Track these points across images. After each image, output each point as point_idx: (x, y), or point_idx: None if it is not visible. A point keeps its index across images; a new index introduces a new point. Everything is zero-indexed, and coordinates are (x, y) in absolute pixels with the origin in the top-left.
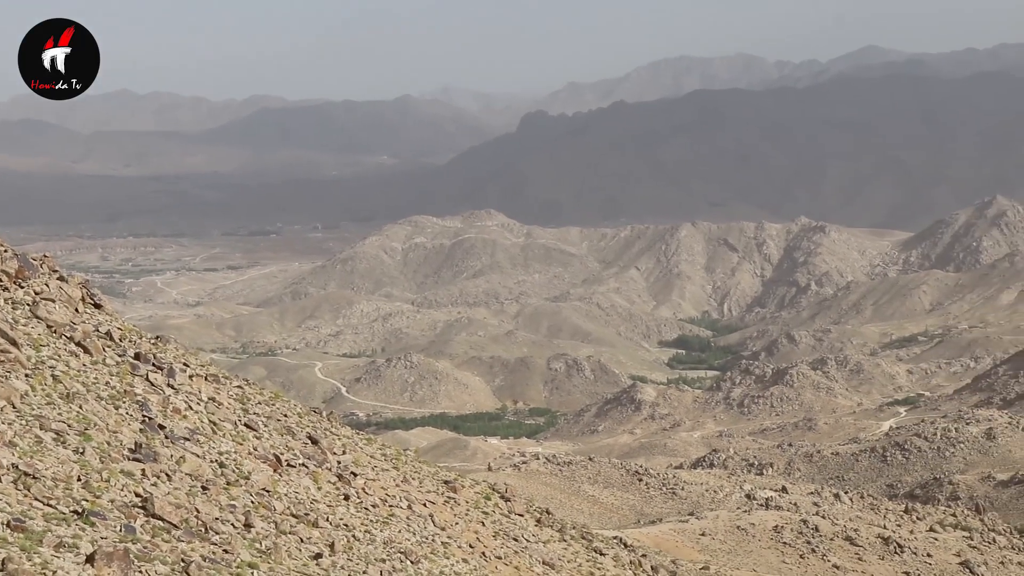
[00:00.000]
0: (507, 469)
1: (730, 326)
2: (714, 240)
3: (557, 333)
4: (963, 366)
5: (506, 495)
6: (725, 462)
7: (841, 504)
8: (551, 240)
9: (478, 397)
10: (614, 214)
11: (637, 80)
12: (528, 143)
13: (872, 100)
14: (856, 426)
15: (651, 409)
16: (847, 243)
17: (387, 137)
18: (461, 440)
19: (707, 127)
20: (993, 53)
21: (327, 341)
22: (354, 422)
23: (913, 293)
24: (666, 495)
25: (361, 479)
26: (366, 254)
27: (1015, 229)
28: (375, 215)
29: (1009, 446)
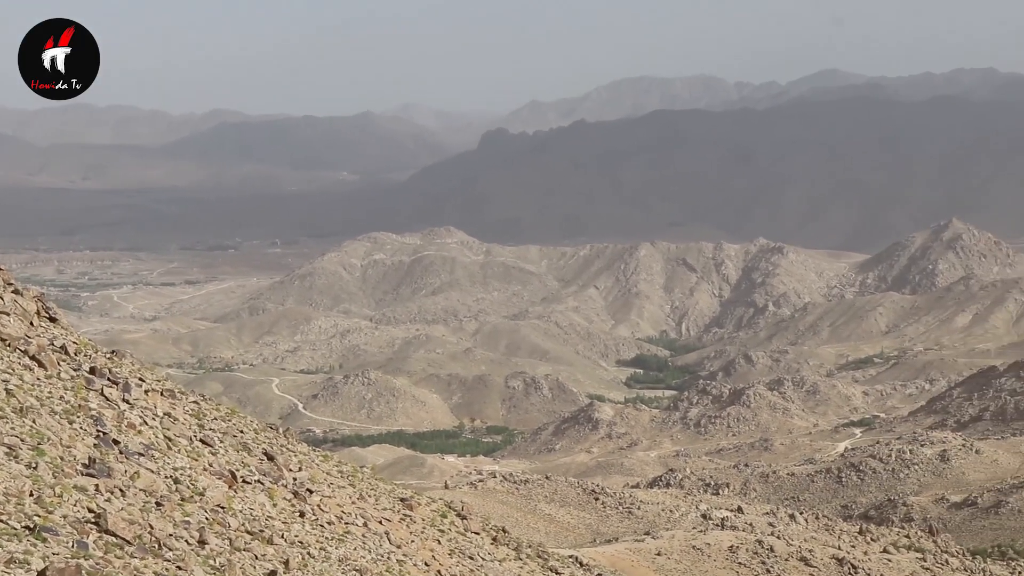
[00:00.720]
0: (464, 487)
1: (688, 346)
2: (673, 260)
3: (515, 351)
4: (918, 388)
5: (462, 513)
6: (681, 482)
7: (796, 525)
8: (510, 258)
9: (435, 415)
10: (574, 233)
11: (598, 99)
12: (488, 161)
13: (831, 122)
14: (812, 447)
15: (608, 428)
16: (805, 264)
17: (347, 153)
18: (418, 458)
19: (667, 147)
20: (950, 78)
21: (284, 357)
22: (311, 439)
23: (869, 315)
24: (622, 514)
25: (317, 496)
26: (325, 270)
27: (970, 252)
28: (334, 231)
29: (963, 468)
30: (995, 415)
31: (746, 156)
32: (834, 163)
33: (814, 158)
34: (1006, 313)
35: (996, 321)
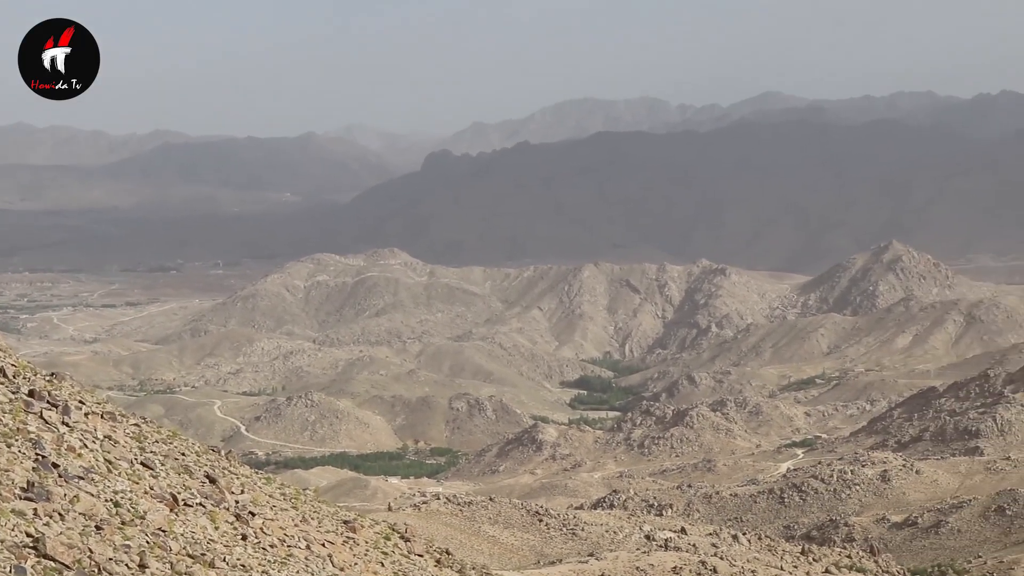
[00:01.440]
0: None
1: (631, 367)
2: (616, 281)
3: (459, 373)
4: (859, 409)
5: (406, 535)
6: (625, 503)
7: (739, 545)
8: (454, 279)
9: (379, 436)
10: (517, 254)
11: (541, 121)
12: (432, 182)
13: (773, 145)
14: (754, 467)
15: (552, 449)
16: (747, 286)
17: (290, 174)
18: (361, 480)
19: (610, 169)
20: (890, 101)
21: (227, 379)
22: (253, 461)
23: (811, 336)
24: (566, 536)
25: (259, 519)
26: (267, 291)
27: (910, 274)
28: (277, 252)
29: (903, 488)
30: (935, 436)
31: (689, 178)
32: (776, 185)
33: (756, 180)
34: (945, 334)
35: (935, 342)
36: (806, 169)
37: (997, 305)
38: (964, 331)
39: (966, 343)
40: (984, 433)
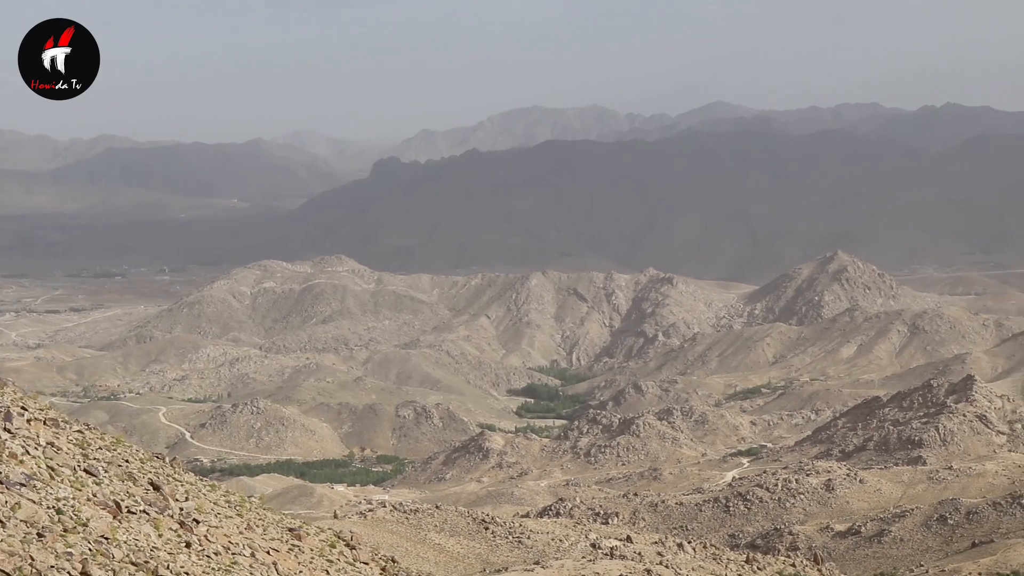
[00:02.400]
0: (353, 517)
1: (578, 375)
2: (564, 289)
3: (406, 380)
4: (804, 418)
5: (351, 543)
6: (571, 511)
7: (684, 554)
8: (402, 287)
9: (325, 444)
10: (465, 262)
11: (490, 129)
12: (380, 189)
13: (720, 155)
14: (700, 476)
15: (499, 457)
16: (694, 295)
17: (237, 180)
18: (307, 487)
19: (559, 177)
20: (836, 112)
21: (172, 386)
22: (198, 468)
23: (757, 345)
24: (512, 544)
25: (204, 526)
26: (214, 298)
27: (855, 284)
28: (224, 259)
29: (847, 497)
30: (878, 445)
31: (637, 187)
32: (723, 195)
33: (704, 189)
34: (889, 344)
35: (880, 352)
36: (753, 179)
37: (940, 316)
38: (908, 341)
39: (910, 353)
40: (927, 443)
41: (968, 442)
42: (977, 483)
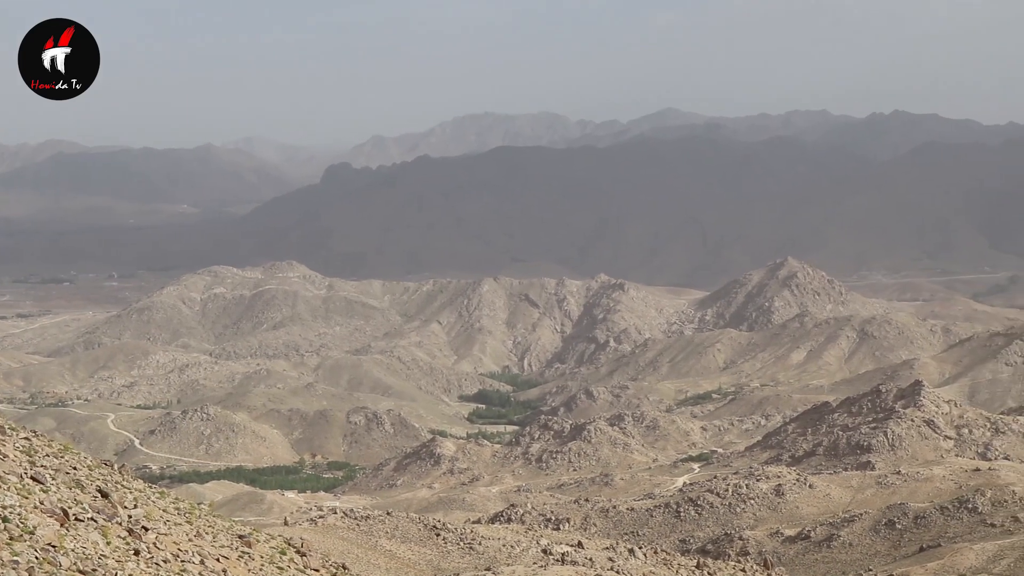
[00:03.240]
0: (304, 523)
1: (530, 381)
2: (515, 295)
3: (357, 386)
4: (754, 423)
5: (302, 550)
6: (523, 517)
7: (635, 559)
8: (353, 293)
9: (276, 450)
10: (417, 268)
11: (442, 135)
12: (331, 195)
13: (671, 161)
14: (651, 482)
15: (450, 463)
16: (645, 301)
17: (187, 186)
18: (257, 494)
19: (510, 183)
20: (785, 119)
21: (121, 392)
22: (147, 475)
23: (708, 351)
24: (463, 550)
25: (153, 534)
26: (163, 304)
27: (805, 290)
28: (174, 265)
29: (797, 502)
30: (828, 450)
31: (588, 193)
32: (674, 201)
33: (654, 196)
34: (838, 350)
35: (829, 358)
36: (704, 185)
37: (889, 321)
38: (857, 347)
39: (859, 359)
40: (875, 448)
41: (916, 447)
42: (925, 488)
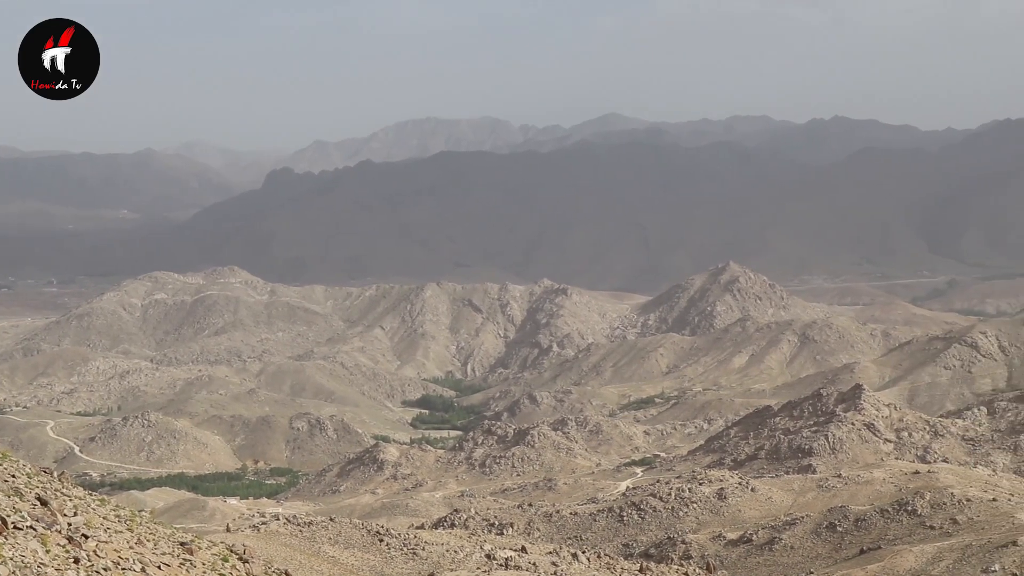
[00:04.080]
0: (246, 530)
1: (473, 386)
2: (459, 301)
3: (300, 392)
4: (697, 427)
5: (244, 556)
6: (466, 522)
7: (579, 564)
8: (295, 298)
9: (218, 457)
10: (359, 273)
11: (384, 140)
12: (273, 200)
13: (613, 166)
14: (595, 486)
15: (393, 469)
16: (588, 306)
17: (127, 191)
18: (199, 500)
19: (453, 188)
20: (727, 125)
21: (60, 399)
22: (87, 482)
23: (651, 356)
24: (407, 555)
25: (93, 541)
26: (103, 310)
27: (747, 295)
28: (114, 270)
29: (739, 506)
30: (769, 454)
31: (531, 198)
32: (617, 206)
33: (597, 201)
34: (780, 354)
35: (771, 362)
36: (646, 190)
37: (830, 326)
38: (798, 351)
39: (800, 363)
40: (817, 451)
41: (856, 450)
42: (865, 490)
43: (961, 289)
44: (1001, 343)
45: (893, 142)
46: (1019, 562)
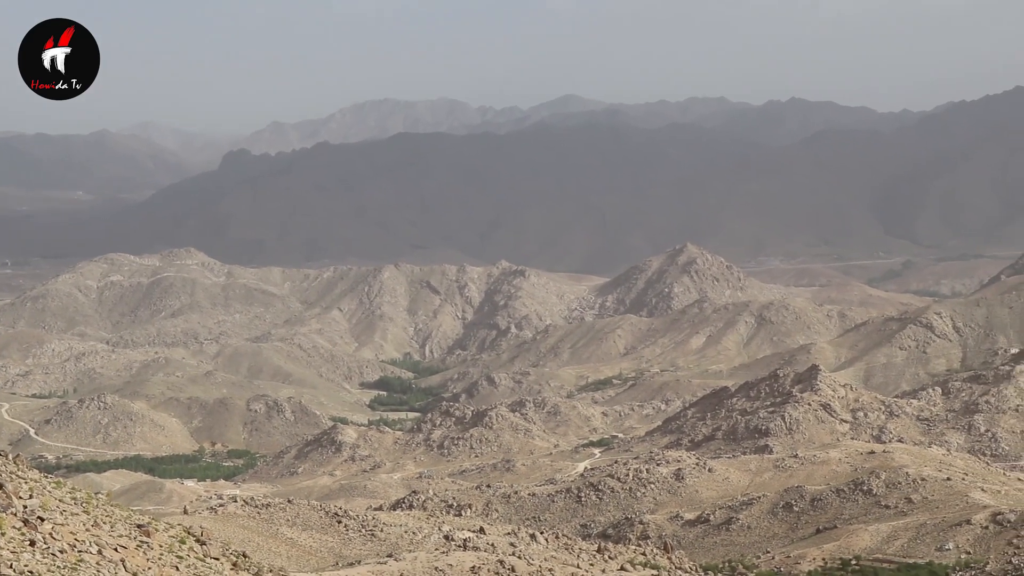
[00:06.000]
0: (204, 512)
1: (431, 368)
2: (416, 282)
3: (257, 374)
4: (655, 408)
5: (202, 538)
6: (424, 503)
7: (537, 544)
8: (252, 280)
9: (175, 439)
10: (317, 255)
11: (341, 121)
12: (230, 182)
13: (571, 148)
14: (553, 467)
15: (351, 451)
16: (546, 287)
17: (82, 172)
18: (156, 483)
19: (410, 170)
20: (684, 106)
21: (15, 381)
22: (43, 465)
23: (608, 337)
24: (365, 537)
25: (49, 524)
26: (59, 292)
27: (704, 276)
28: (69, 252)
29: (696, 486)
30: (727, 434)
31: (488, 180)
32: (574, 187)
33: (555, 182)
34: (737, 335)
35: (728, 343)
36: (604, 172)
37: (786, 307)
38: (755, 332)
39: (757, 344)
40: (773, 432)
41: (813, 430)
42: (821, 470)
43: (916, 270)
44: (955, 324)
45: (849, 124)
46: (973, 540)
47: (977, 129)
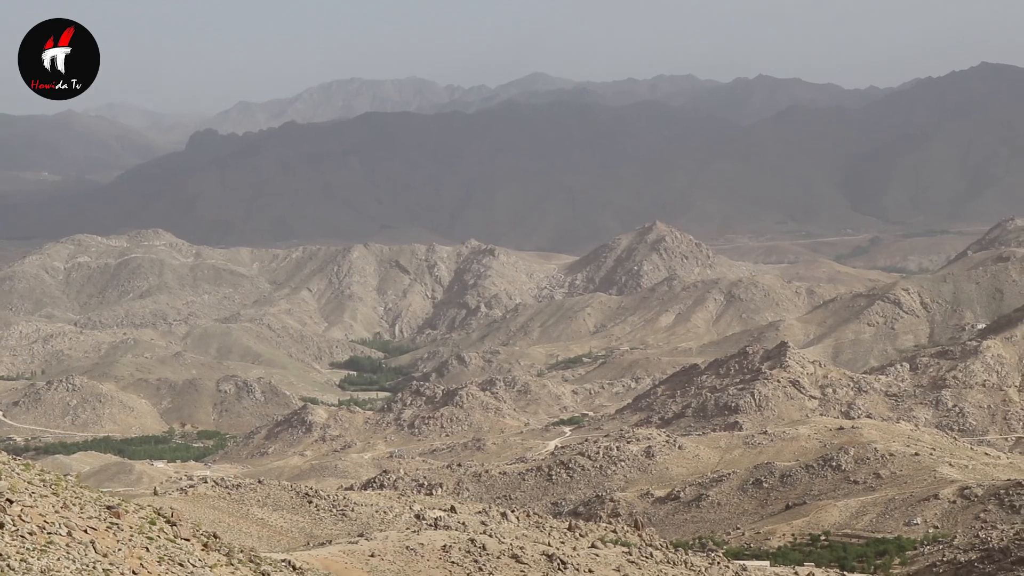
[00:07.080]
0: (174, 493)
1: (401, 347)
2: (386, 262)
3: (227, 355)
4: (625, 386)
5: (172, 520)
6: (395, 483)
7: (508, 523)
8: (221, 260)
9: (144, 420)
10: (285, 235)
11: (309, 101)
12: (197, 162)
13: (540, 126)
14: (523, 446)
15: (322, 431)
16: (515, 266)
17: (48, 153)
18: (126, 464)
19: (378, 149)
20: (652, 84)
21: None
22: (11, 447)
23: (578, 315)
24: (336, 517)
25: (17, 506)
26: (25, 273)
27: (673, 254)
28: (35, 233)
29: (666, 464)
30: (696, 412)
31: (457, 159)
32: (543, 166)
33: (523, 161)
34: (706, 313)
35: (697, 320)
36: (572, 150)
37: (755, 284)
38: (724, 309)
39: (726, 321)
40: (743, 409)
41: (782, 407)
42: (791, 447)
43: (884, 247)
44: (923, 299)
45: (816, 101)
46: (941, 515)
47: (943, 105)
